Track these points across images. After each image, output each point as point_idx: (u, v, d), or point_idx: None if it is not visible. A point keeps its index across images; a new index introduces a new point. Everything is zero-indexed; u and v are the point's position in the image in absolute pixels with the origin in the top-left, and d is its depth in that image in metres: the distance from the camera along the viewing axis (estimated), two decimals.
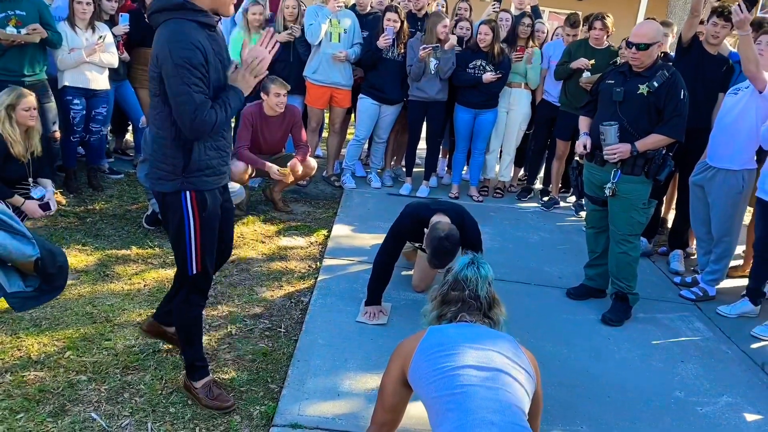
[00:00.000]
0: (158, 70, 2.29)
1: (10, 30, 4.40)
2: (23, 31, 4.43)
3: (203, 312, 3.45)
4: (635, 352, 3.54)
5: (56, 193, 4.76)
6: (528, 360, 2.06)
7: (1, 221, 1.90)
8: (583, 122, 3.95)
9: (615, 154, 3.61)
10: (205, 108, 2.29)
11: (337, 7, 5.45)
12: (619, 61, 5.11)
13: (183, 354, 2.75)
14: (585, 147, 3.80)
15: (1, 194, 3.88)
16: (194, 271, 2.55)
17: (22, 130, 4.00)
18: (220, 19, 2.51)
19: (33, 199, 4.09)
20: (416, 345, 2.07)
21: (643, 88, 3.59)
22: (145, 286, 3.73)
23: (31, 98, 4.03)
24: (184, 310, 2.64)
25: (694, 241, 4.94)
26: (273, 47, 2.48)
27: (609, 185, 3.69)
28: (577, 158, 4.09)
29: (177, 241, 2.54)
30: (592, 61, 5.26)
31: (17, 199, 4.00)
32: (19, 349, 2.97)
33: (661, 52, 4.13)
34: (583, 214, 5.80)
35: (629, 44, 3.63)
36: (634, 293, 3.86)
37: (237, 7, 5.96)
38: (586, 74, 5.26)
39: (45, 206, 4.11)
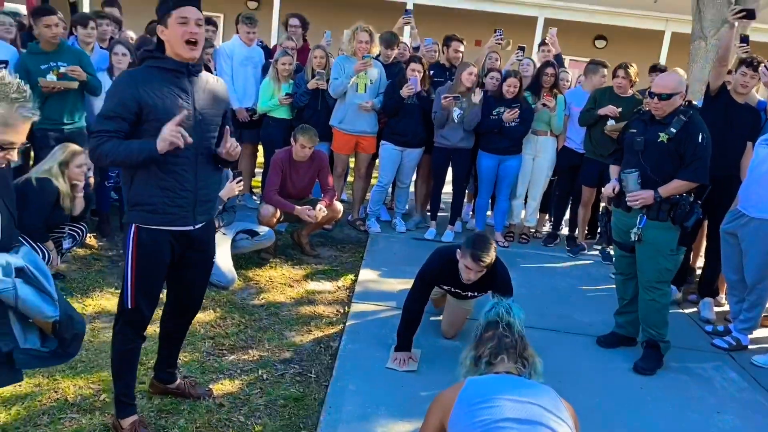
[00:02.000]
0: None
1: (50, 77, 4.58)
2: (62, 69, 4.60)
3: (234, 355, 3.50)
4: (670, 402, 3.48)
5: (89, 237, 4.89)
6: (568, 412, 2.04)
7: (33, 276, 1.89)
8: (614, 170, 4.01)
9: (637, 200, 3.64)
10: (99, 137, 2.38)
11: (363, 67, 5.58)
12: (643, 109, 5.16)
13: (113, 385, 2.74)
14: (613, 190, 3.83)
15: (39, 238, 3.98)
16: (128, 305, 2.59)
17: (70, 186, 4.17)
18: (192, 66, 2.52)
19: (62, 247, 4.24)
20: (455, 396, 2.06)
21: (662, 136, 3.63)
22: None
23: (82, 156, 4.21)
24: (118, 341, 2.67)
25: (725, 290, 4.89)
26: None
27: (635, 230, 3.70)
28: (604, 204, 4.11)
29: (123, 271, 2.62)
30: (620, 109, 5.32)
31: (50, 244, 4.10)
32: (55, 391, 3.00)
33: (686, 101, 4.19)
34: (609, 260, 5.79)
35: (651, 94, 3.69)
36: (665, 341, 3.81)
37: (271, 55, 6.16)
38: (611, 122, 5.31)
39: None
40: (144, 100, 2.41)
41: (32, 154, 4.96)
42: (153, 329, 3.50)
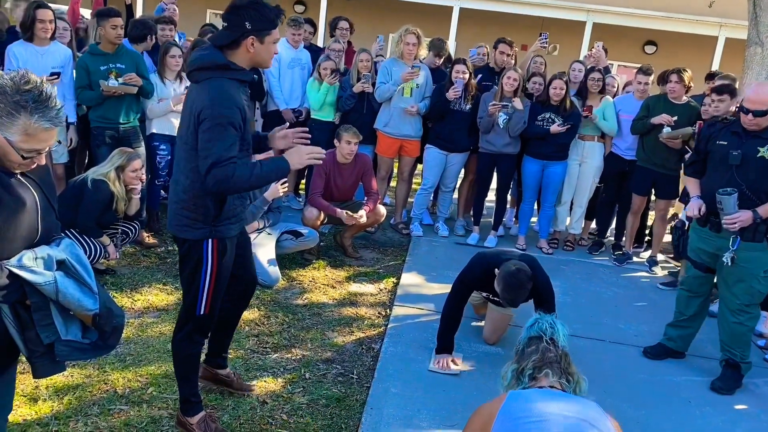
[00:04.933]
0: (197, 123, 2.40)
1: (112, 82, 4.74)
2: (120, 80, 4.76)
3: (277, 354, 3.55)
4: (719, 417, 3.38)
5: (148, 236, 5.02)
6: (614, 429, 2.00)
7: (74, 269, 1.93)
8: (692, 184, 3.78)
9: (736, 223, 3.42)
10: (227, 163, 2.35)
11: (411, 76, 5.59)
12: (729, 119, 4.97)
13: (178, 389, 2.81)
14: (699, 211, 3.61)
15: (93, 234, 4.12)
16: (201, 312, 2.65)
17: (125, 190, 4.31)
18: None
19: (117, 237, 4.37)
20: (497, 409, 2.01)
21: (763, 151, 3.44)
22: None
23: (138, 162, 4.36)
24: (184, 347, 2.72)
25: None
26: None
27: (728, 254, 3.48)
28: (683, 219, 3.92)
29: (189, 283, 2.64)
30: (675, 118, 5.20)
31: (105, 239, 4.23)
32: (105, 383, 3.10)
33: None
34: (656, 269, 5.67)
35: (745, 110, 3.46)
36: (747, 362, 3.68)
37: (315, 59, 6.22)
38: (666, 129, 5.18)
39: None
40: (244, 118, 2.46)
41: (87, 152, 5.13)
42: None
